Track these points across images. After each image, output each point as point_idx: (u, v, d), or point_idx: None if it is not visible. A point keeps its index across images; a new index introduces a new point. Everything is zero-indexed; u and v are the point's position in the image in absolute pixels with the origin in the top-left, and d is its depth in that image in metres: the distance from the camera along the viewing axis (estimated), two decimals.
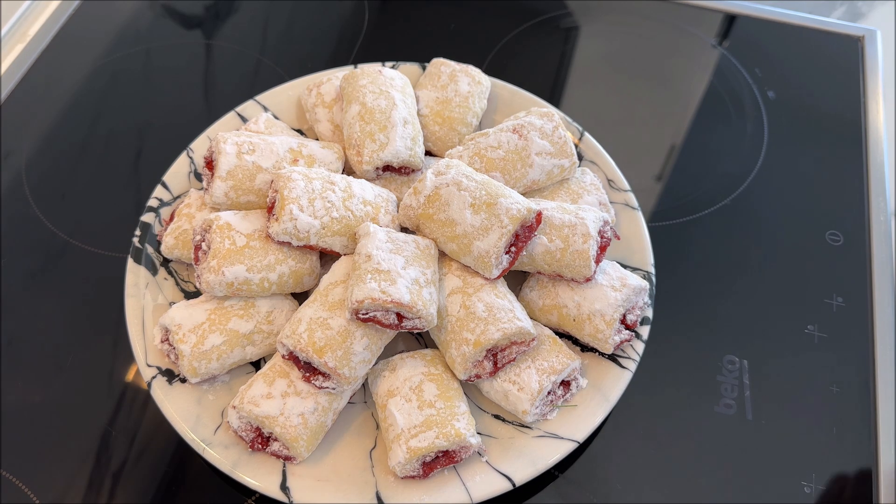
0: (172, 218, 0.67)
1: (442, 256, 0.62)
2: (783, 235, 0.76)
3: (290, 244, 0.59)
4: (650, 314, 0.62)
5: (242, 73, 0.91)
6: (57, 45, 0.92)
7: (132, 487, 0.60)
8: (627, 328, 0.61)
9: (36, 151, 0.82)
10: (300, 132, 0.74)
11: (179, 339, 0.58)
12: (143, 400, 0.64)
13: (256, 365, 0.62)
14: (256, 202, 0.63)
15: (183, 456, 0.62)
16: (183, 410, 0.58)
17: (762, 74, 0.90)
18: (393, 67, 0.76)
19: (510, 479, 0.55)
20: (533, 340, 0.57)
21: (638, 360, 0.61)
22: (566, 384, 0.59)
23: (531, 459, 0.56)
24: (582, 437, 0.57)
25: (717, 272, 0.73)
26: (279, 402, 0.55)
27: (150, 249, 0.66)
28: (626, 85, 0.89)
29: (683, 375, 0.66)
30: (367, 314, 0.54)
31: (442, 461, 0.55)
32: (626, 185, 0.70)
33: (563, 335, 0.62)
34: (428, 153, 0.72)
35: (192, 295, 0.65)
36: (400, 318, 0.55)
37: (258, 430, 0.56)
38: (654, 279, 0.65)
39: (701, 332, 0.69)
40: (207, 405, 0.59)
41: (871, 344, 0.68)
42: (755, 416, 0.63)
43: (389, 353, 0.60)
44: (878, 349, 0.67)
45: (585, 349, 0.62)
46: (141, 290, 0.64)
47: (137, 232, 0.67)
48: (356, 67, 0.74)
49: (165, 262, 0.66)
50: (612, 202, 0.69)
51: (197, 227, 0.61)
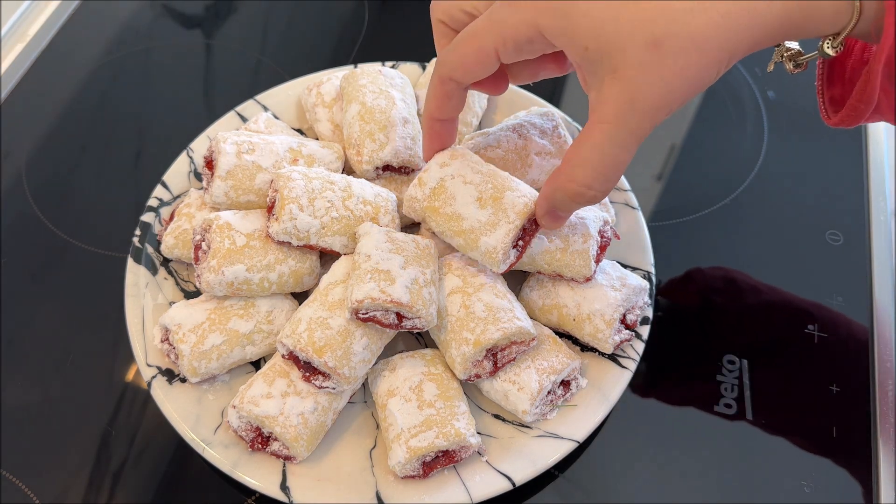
0: (172, 217, 0.67)
1: (441, 256, 0.62)
2: (783, 235, 0.75)
3: (289, 244, 0.59)
4: (650, 314, 0.62)
5: (242, 72, 0.91)
6: (57, 44, 0.92)
7: (132, 487, 0.60)
8: (627, 328, 0.61)
9: (36, 151, 0.82)
10: (300, 132, 0.74)
11: (179, 338, 0.58)
12: (143, 400, 0.64)
13: (256, 365, 0.62)
14: (256, 202, 0.63)
15: (183, 456, 0.61)
16: (183, 410, 0.58)
17: (762, 74, 0.89)
18: (393, 67, 0.76)
19: (510, 478, 0.55)
20: (533, 340, 0.57)
21: (638, 359, 0.61)
22: (566, 384, 0.59)
23: (531, 459, 0.56)
24: (582, 436, 0.57)
25: (717, 271, 0.73)
26: (279, 401, 0.55)
27: (149, 249, 0.66)
28: None
29: (683, 375, 0.66)
30: (366, 314, 0.54)
31: (442, 461, 0.55)
32: (625, 184, 0.70)
33: (563, 335, 0.62)
34: None
35: (192, 294, 0.65)
36: (400, 317, 0.55)
37: (258, 429, 0.56)
38: (654, 279, 0.65)
39: (701, 331, 0.69)
40: (207, 405, 0.59)
41: (871, 344, 0.68)
42: (755, 415, 0.63)
43: (389, 353, 0.60)
44: (878, 349, 0.67)
45: (585, 349, 0.62)
46: (141, 289, 0.64)
47: (137, 231, 0.67)
48: (356, 67, 0.74)
49: (165, 261, 0.66)
50: (611, 202, 0.69)
51: (197, 226, 0.61)
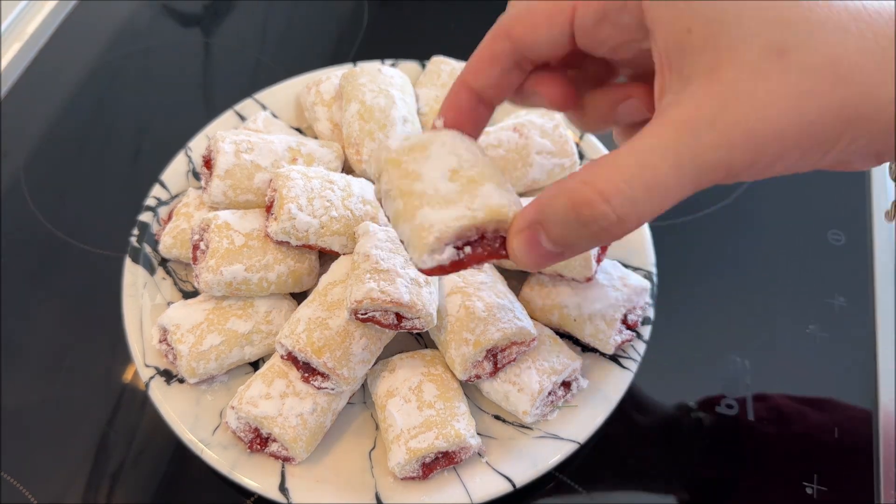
0: (171, 217, 0.66)
1: None
2: (785, 234, 0.75)
3: (288, 244, 0.59)
4: (651, 314, 0.62)
5: (241, 71, 0.90)
6: (55, 43, 0.92)
7: (130, 488, 0.60)
8: (628, 328, 0.60)
9: (34, 150, 0.82)
10: (299, 131, 0.74)
11: (178, 339, 0.57)
12: (141, 400, 0.64)
13: (255, 365, 0.62)
14: (255, 201, 0.63)
15: (181, 456, 0.61)
16: (181, 411, 0.58)
17: None
18: (392, 66, 0.76)
19: (511, 480, 0.55)
20: (533, 341, 0.57)
21: (639, 360, 0.60)
22: (567, 384, 0.59)
23: (532, 460, 0.56)
24: (583, 437, 0.57)
25: (718, 271, 0.73)
26: (278, 402, 0.55)
27: (148, 249, 0.66)
28: None
29: (684, 375, 0.66)
30: (366, 314, 0.54)
31: (442, 462, 0.54)
32: None
33: (563, 335, 0.62)
34: None
35: (190, 295, 0.65)
36: (399, 318, 0.54)
37: (257, 430, 0.56)
38: (655, 279, 0.64)
39: (702, 331, 0.68)
40: (206, 406, 0.59)
41: (872, 344, 0.67)
42: (757, 416, 0.63)
43: (389, 353, 0.60)
44: (879, 349, 0.67)
45: (586, 349, 0.62)
46: (139, 289, 0.63)
47: (135, 231, 0.67)
48: (355, 66, 0.73)
49: (164, 261, 0.66)
50: None
51: (195, 226, 0.61)
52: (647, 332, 0.61)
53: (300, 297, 0.62)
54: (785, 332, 0.68)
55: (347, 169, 0.68)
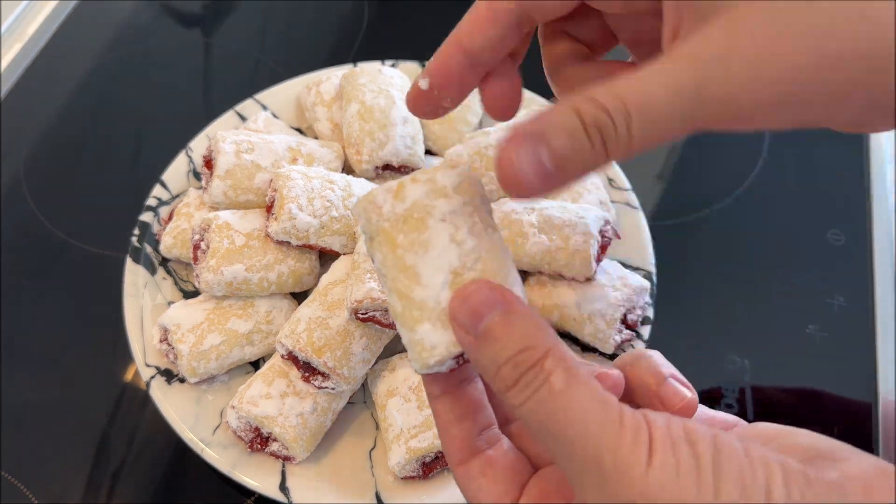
0: (171, 217, 0.66)
1: None
2: (785, 234, 0.75)
3: (289, 244, 0.59)
4: (651, 314, 0.62)
5: (241, 71, 0.90)
6: (55, 44, 0.92)
7: (131, 487, 0.60)
8: (628, 328, 0.60)
9: (34, 150, 0.82)
10: (299, 131, 0.74)
11: (178, 338, 0.58)
12: (141, 400, 0.64)
13: (256, 365, 0.62)
14: (255, 201, 0.63)
15: (182, 456, 0.61)
16: (182, 410, 0.58)
17: None
18: (393, 66, 0.76)
19: None
20: None
21: None
22: None
23: None
24: None
25: (718, 271, 0.73)
26: (278, 402, 0.55)
27: (148, 249, 0.66)
28: None
29: (684, 375, 0.66)
30: (366, 314, 0.54)
31: (442, 462, 0.54)
32: (626, 184, 0.70)
33: (563, 335, 0.62)
34: (428, 152, 0.71)
35: (190, 294, 0.65)
36: None
37: (257, 430, 0.56)
38: (655, 278, 0.64)
39: (702, 331, 0.68)
40: (206, 405, 0.59)
41: (872, 344, 0.67)
42: (756, 416, 0.63)
43: (389, 352, 0.60)
44: (879, 349, 0.67)
45: (586, 349, 0.62)
46: (139, 289, 0.63)
47: (136, 231, 0.67)
48: (356, 66, 0.73)
49: (164, 261, 0.66)
50: (612, 201, 0.68)
51: (196, 226, 0.61)
52: (646, 331, 0.61)
53: (300, 296, 0.62)
54: (785, 331, 0.68)
55: (347, 169, 0.68)
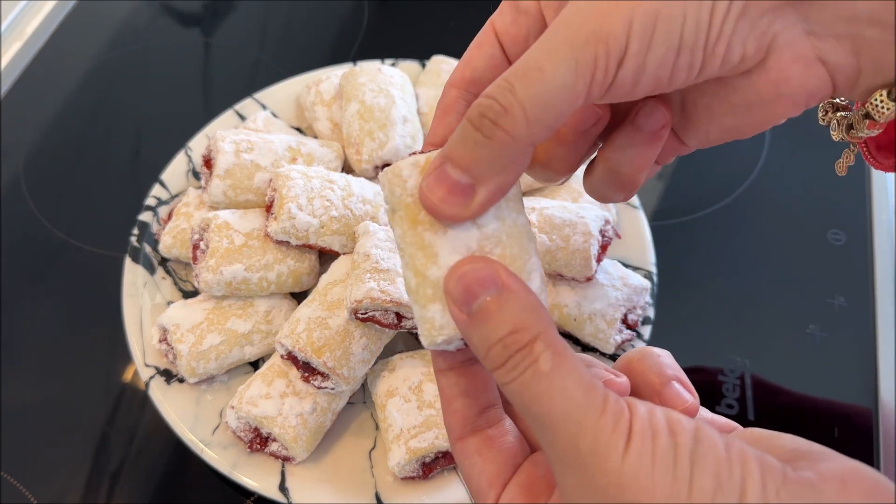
0: (170, 217, 0.66)
1: None
2: (785, 234, 0.75)
3: (288, 243, 0.59)
4: (652, 314, 0.62)
5: (241, 71, 0.90)
6: (54, 43, 0.92)
7: (130, 488, 0.60)
8: (629, 328, 0.60)
9: (33, 150, 0.82)
10: (299, 130, 0.74)
11: (177, 338, 0.57)
12: (141, 400, 0.64)
13: (255, 365, 0.62)
14: (255, 201, 0.63)
15: (181, 456, 0.61)
16: (181, 410, 0.58)
17: None
18: (393, 65, 0.75)
19: None
20: None
21: None
22: None
23: None
24: None
25: (718, 271, 0.73)
26: (278, 402, 0.55)
27: (147, 248, 0.66)
28: None
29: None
30: (366, 314, 0.53)
31: (442, 462, 0.54)
32: None
33: (563, 335, 0.62)
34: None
35: (190, 294, 0.65)
36: (399, 317, 0.54)
37: (257, 430, 0.56)
38: (655, 278, 0.64)
39: (702, 331, 0.68)
40: (206, 405, 0.59)
41: (873, 344, 0.67)
42: (757, 416, 0.63)
43: (389, 353, 0.60)
44: (880, 349, 0.67)
45: (586, 349, 0.62)
46: (139, 289, 0.63)
47: (135, 231, 0.66)
48: (355, 65, 0.73)
49: (163, 261, 0.66)
50: None
51: (195, 226, 0.61)
52: (647, 331, 0.61)
53: (300, 296, 0.62)
54: (785, 331, 0.68)
55: (347, 168, 0.68)
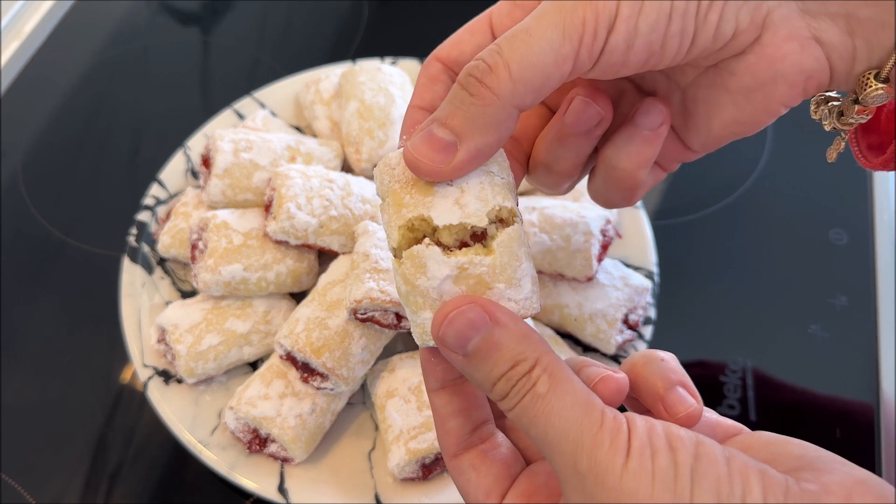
0: (169, 216, 0.66)
1: None
2: (786, 234, 0.75)
3: (287, 243, 0.59)
4: (653, 314, 0.62)
5: (240, 69, 0.90)
6: (53, 42, 0.92)
7: (129, 488, 0.60)
8: (630, 328, 0.60)
9: (32, 149, 0.82)
10: (298, 129, 0.74)
11: (176, 339, 0.57)
12: (139, 400, 0.64)
13: (254, 365, 0.62)
14: (254, 200, 0.63)
15: (180, 457, 0.61)
16: (180, 411, 0.57)
17: None
18: (392, 64, 0.75)
19: None
20: None
21: None
22: None
23: None
24: None
25: (720, 271, 0.72)
26: (276, 402, 0.55)
27: (146, 248, 0.65)
28: None
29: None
30: (365, 314, 0.53)
31: (442, 463, 0.54)
32: None
33: (564, 335, 0.61)
34: None
35: (188, 294, 0.64)
36: (399, 317, 0.54)
37: (255, 431, 0.56)
38: (656, 278, 0.64)
39: (704, 331, 0.68)
40: (204, 406, 0.58)
41: (875, 344, 0.67)
42: (758, 416, 0.62)
43: (389, 353, 0.60)
44: (882, 349, 0.67)
45: (587, 350, 0.62)
46: (137, 289, 0.63)
47: (134, 231, 0.66)
48: (355, 64, 0.73)
49: (162, 261, 0.66)
50: None
51: (193, 225, 0.60)
52: (648, 331, 0.61)
53: (299, 296, 0.62)
54: (786, 331, 0.68)
55: (347, 168, 0.68)
